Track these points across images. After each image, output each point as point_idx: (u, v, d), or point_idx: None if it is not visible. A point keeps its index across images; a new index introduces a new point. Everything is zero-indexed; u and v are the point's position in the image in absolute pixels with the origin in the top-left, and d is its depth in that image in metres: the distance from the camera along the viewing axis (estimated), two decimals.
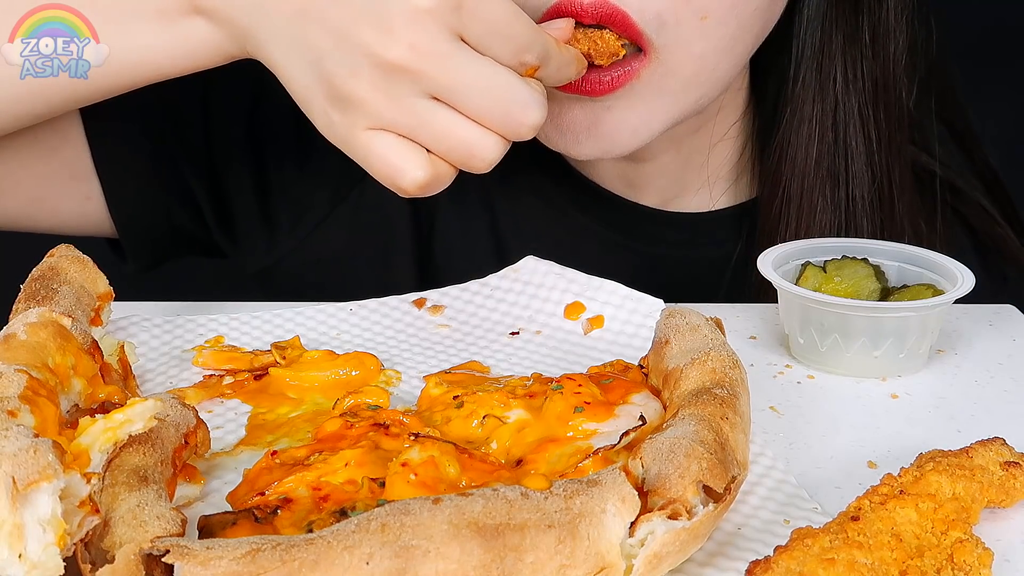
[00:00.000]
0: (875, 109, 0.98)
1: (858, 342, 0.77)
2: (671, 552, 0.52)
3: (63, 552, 0.48)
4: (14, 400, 0.55)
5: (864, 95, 0.97)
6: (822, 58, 0.97)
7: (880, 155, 0.98)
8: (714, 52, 0.87)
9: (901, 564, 0.52)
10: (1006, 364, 0.80)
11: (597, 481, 0.51)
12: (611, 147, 0.89)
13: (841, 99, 0.97)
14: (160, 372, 0.76)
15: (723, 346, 0.64)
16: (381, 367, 0.75)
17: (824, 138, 0.98)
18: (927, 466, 0.59)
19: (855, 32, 0.97)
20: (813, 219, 0.98)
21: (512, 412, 0.64)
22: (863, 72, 0.97)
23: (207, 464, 0.64)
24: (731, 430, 0.57)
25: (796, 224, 0.98)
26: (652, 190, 1.04)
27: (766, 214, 1.00)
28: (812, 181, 0.98)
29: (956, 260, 0.81)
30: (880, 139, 0.98)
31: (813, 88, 0.97)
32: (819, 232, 0.98)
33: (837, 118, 0.97)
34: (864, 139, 0.98)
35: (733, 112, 1.03)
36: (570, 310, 0.83)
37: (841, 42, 0.97)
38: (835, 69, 0.97)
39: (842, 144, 0.98)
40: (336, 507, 0.55)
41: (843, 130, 0.98)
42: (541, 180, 1.05)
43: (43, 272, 0.72)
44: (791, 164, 0.98)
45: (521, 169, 1.06)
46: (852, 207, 0.98)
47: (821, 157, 0.98)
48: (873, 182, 0.98)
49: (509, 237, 1.06)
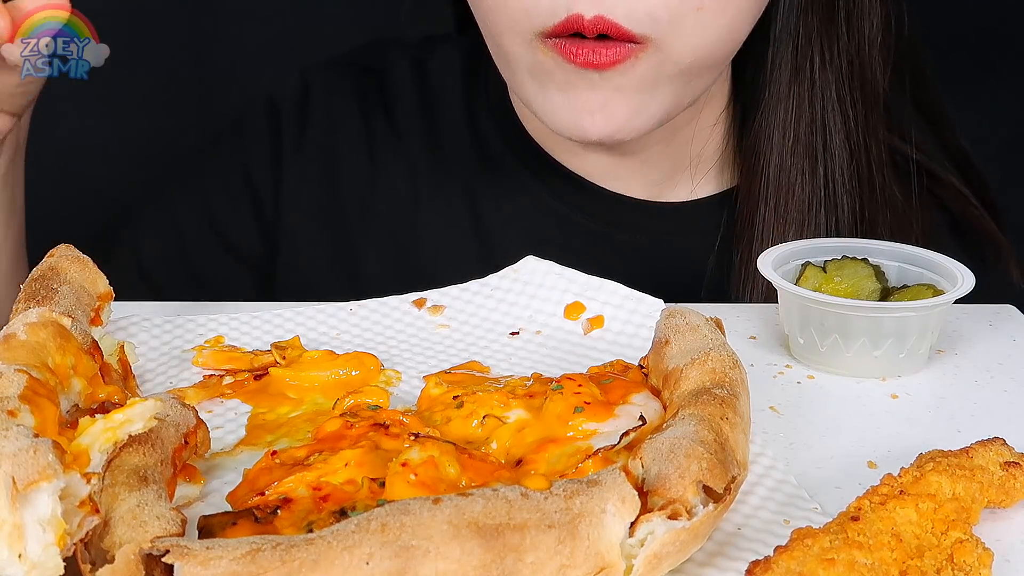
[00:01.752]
0: (852, 88, 0.99)
1: (858, 342, 0.77)
2: (671, 552, 0.52)
3: (63, 552, 0.48)
4: (14, 400, 0.55)
5: (841, 74, 0.99)
6: (799, 39, 0.98)
7: (857, 133, 0.99)
8: (712, 41, 0.89)
9: (901, 564, 0.52)
10: (1006, 364, 0.80)
11: (597, 481, 0.51)
12: (619, 128, 0.90)
13: (819, 79, 0.98)
14: (160, 372, 0.76)
15: (723, 346, 0.64)
16: (381, 367, 0.75)
17: (801, 118, 0.99)
18: (927, 466, 0.59)
19: (831, 13, 0.98)
20: (792, 197, 0.99)
21: (512, 412, 0.64)
22: (839, 52, 0.99)
23: (207, 464, 0.64)
24: (731, 430, 0.57)
25: (775, 202, 0.99)
26: (639, 182, 1.05)
27: (745, 195, 1.01)
28: (790, 160, 0.99)
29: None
30: (857, 117, 0.99)
31: (790, 69, 0.99)
32: (798, 210, 0.99)
33: (814, 98, 0.99)
34: (842, 117, 0.99)
35: (719, 102, 1.04)
36: (570, 310, 0.83)
37: (817, 23, 0.98)
38: (812, 50, 0.98)
39: (819, 123, 0.99)
40: (336, 507, 0.55)
41: (820, 110, 0.99)
42: (524, 173, 1.06)
43: (43, 272, 0.72)
44: (769, 144, 0.99)
45: (504, 162, 1.06)
46: (831, 185, 0.99)
47: (799, 136, 0.99)
48: (851, 160, 0.99)
49: (492, 229, 1.06)
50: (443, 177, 1.08)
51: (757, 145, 1.00)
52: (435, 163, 1.09)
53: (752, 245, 1.00)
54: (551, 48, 0.87)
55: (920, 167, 1.04)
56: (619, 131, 0.91)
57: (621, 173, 1.04)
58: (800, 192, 0.99)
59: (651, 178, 1.05)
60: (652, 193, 1.06)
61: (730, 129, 1.05)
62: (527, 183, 1.06)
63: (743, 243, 1.01)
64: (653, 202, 1.06)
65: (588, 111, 0.90)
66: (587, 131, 0.91)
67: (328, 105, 1.11)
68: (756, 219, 0.99)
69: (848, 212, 0.99)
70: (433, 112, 1.10)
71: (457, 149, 1.09)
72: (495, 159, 1.07)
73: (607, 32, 0.85)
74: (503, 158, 1.07)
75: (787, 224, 0.99)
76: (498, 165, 1.07)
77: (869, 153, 1.00)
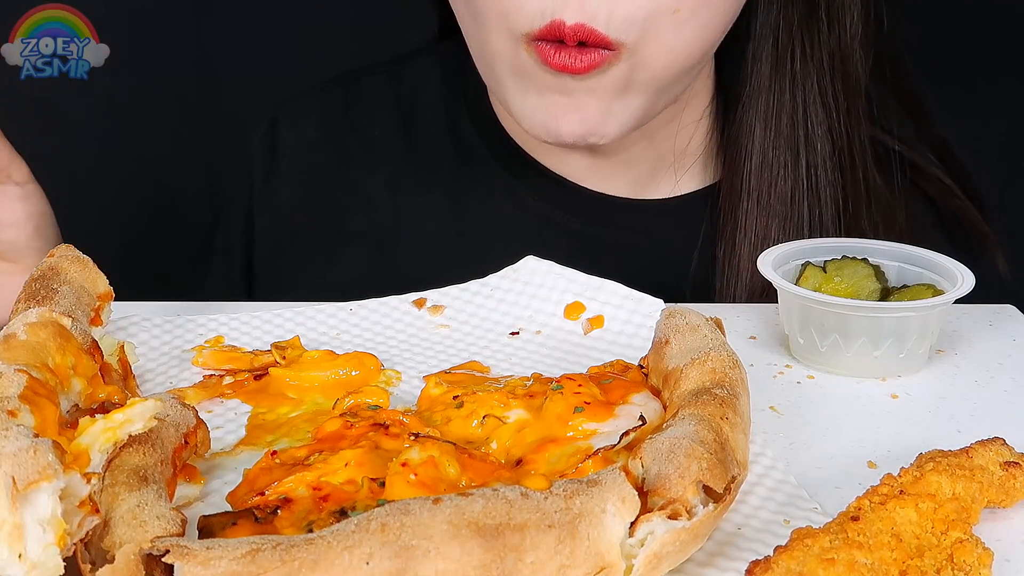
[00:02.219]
0: (833, 81, 0.99)
1: (858, 342, 0.77)
2: (671, 552, 0.52)
3: (63, 552, 0.48)
4: (14, 400, 0.55)
5: (822, 67, 0.99)
6: (779, 32, 0.98)
7: (840, 125, 0.99)
8: (686, 42, 0.89)
9: (901, 564, 0.52)
10: (1006, 364, 0.80)
11: (597, 481, 0.51)
12: (591, 131, 0.90)
13: (800, 72, 0.98)
14: (160, 372, 0.76)
15: (723, 346, 0.64)
16: (381, 367, 0.75)
17: (783, 110, 0.99)
18: (927, 466, 0.59)
19: (812, 7, 0.98)
20: (774, 190, 0.99)
21: (512, 412, 0.64)
22: (820, 45, 0.99)
23: (207, 464, 0.64)
24: (731, 430, 0.57)
25: (758, 195, 0.99)
26: (621, 181, 1.05)
27: (728, 189, 1.01)
28: (772, 153, 0.99)
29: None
30: (839, 110, 0.99)
31: (771, 63, 0.99)
32: (780, 203, 0.99)
33: (796, 91, 0.99)
34: (824, 110, 0.99)
35: (703, 98, 1.04)
36: (570, 310, 0.83)
37: (798, 17, 0.98)
38: (793, 43, 0.98)
39: (801, 116, 0.99)
40: (336, 507, 0.55)
41: (802, 102, 0.99)
42: (505, 175, 1.06)
43: (43, 272, 0.72)
44: (751, 137, 1.00)
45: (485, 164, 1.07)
46: (814, 177, 0.99)
47: (781, 129, 0.99)
48: (834, 152, 0.99)
49: (475, 233, 1.07)
50: (424, 183, 1.08)
51: (739, 139, 1.00)
52: (416, 170, 1.09)
53: (735, 239, 1.00)
54: (532, 50, 0.88)
55: (903, 158, 1.04)
56: (591, 134, 0.91)
57: (603, 172, 1.04)
58: (783, 185, 0.99)
59: (634, 176, 1.05)
60: (635, 191, 1.06)
61: (714, 124, 1.05)
62: (509, 185, 1.06)
63: (726, 237, 1.01)
64: (636, 200, 1.06)
65: (561, 113, 0.90)
66: (560, 133, 0.91)
67: (295, 135, 1.13)
68: (739, 212, 0.99)
69: (831, 204, 0.99)
70: (411, 119, 1.11)
71: (438, 154, 1.09)
72: (476, 162, 1.07)
73: (586, 39, 0.85)
74: (484, 161, 1.07)
75: (770, 217, 0.99)
76: (479, 168, 1.07)
77: (852, 145, 1.00)
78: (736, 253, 0.99)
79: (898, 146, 1.04)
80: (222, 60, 1.50)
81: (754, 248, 0.98)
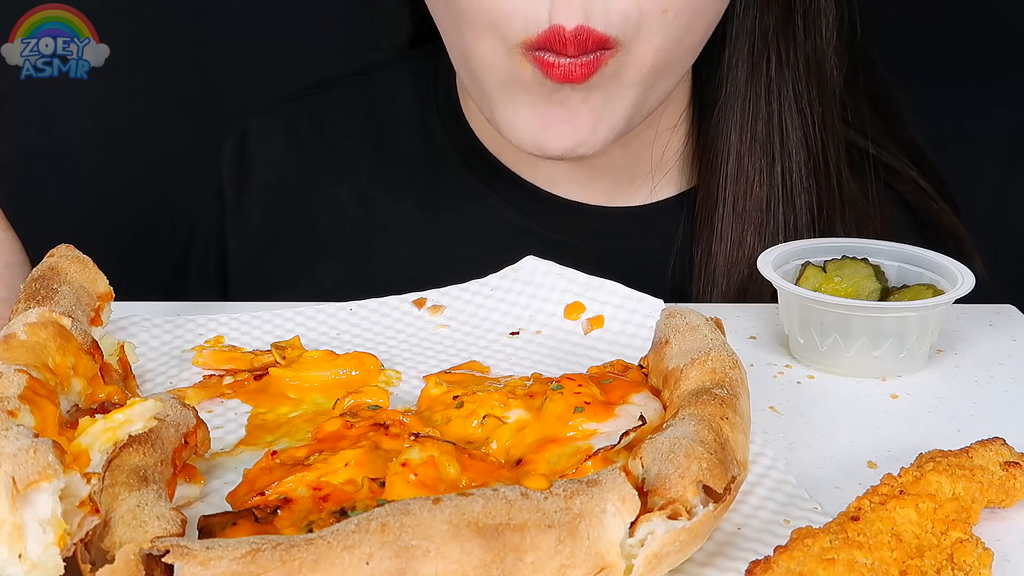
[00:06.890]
0: (809, 87, 0.99)
1: (858, 342, 0.77)
2: (671, 552, 0.52)
3: (63, 552, 0.48)
4: (14, 400, 0.55)
5: (798, 73, 0.99)
6: (755, 38, 0.98)
7: (815, 131, 0.99)
8: (672, 43, 0.88)
9: (901, 564, 0.52)
10: (1006, 364, 0.80)
11: (597, 481, 0.51)
12: (581, 142, 0.89)
13: (775, 78, 0.98)
14: (160, 372, 0.76)
15: (723, 346, 0.64)
16: (381, 367, 0.75)
17: (759, 116, 0.98)
18: (927, 466, 0.59)
19: (788, 12, 0.98)
20: (750, 196, 0.99)
21: (512, 412, 0.64)
22: (795, 50, 0.98)
23: (207, 464, 0.64)
24: (731, 430, 0.57)
25: (734, 201, 0.99)
26: (596, 188, 1.04)
27: (704, 194, 1.01)
28: (748, 159, 0.99)
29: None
30: (814, 116, 0.99)
31: (747, 69, 0.98)
32: (756, 209, 0.99)
33: (771, 97, 0.98)
34: (799, 116, 0.99)
35: (679, 104, 1.04)
36: (570, 310, 0.83)
37: (774, 23, 0.98)
38: (768, 49, 0.98)
39: (776, 122, 0.99)
40: (336, 507, 0.55)
41: (777, 108, 0.99)
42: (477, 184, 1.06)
43: (43, 272, 0.72)
44: (726, 143, 0.99)
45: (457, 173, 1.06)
46: (789, 183, 0.99)
47: (756, 135, 0.99)
48: (809, 158, 0.99)
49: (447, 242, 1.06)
50: (396, 192, 1.08)
51: (715, 144, 1.00)
52: (388, 180, 1.09)
53: (711, 245, 0.99)
54: (531, 62, 0.86)
55: (877, 162, 1.04)
56: (581, 144, 0.89)
57: (578, 179, 1.04)
58: (758, 191, 0.99)
59: (609, 183, 1.04)
60: (610, 198, 1.05)
61: (690, 130, 1.05)
62: (481, 194, 1.06)
63: (702, 243, 1.00)
64: (611, 207, 1.05)
65: (552, 124, 0.89)
66: (548, 147, 0.89)
67: (265, 149, 1.12)
68: (715, 219, 0.99)
69: (806, 211, 0.99)
70: (383, 129, 1.10)
71: (410, 164, 1.09)
72: (448, 171, 1.07)
73: (586, 41, 0.84)
74: (456, 170, 1.07)
75: (745, 223, 0.99)
76: (451, 177, 1.07)
77: (827, 151, 1.00)
78: (712, 259, 0.99)
79: (873, 149, 1.04)
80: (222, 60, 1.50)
81: (730, 254, 0.98)
